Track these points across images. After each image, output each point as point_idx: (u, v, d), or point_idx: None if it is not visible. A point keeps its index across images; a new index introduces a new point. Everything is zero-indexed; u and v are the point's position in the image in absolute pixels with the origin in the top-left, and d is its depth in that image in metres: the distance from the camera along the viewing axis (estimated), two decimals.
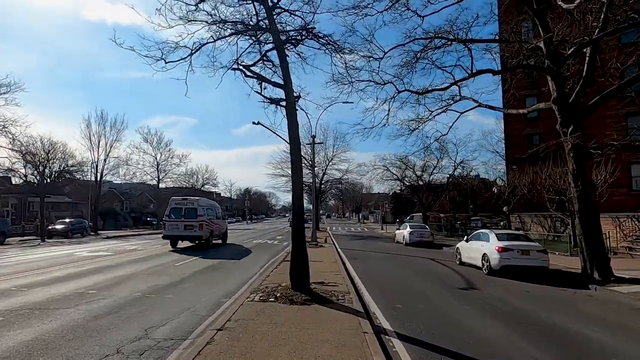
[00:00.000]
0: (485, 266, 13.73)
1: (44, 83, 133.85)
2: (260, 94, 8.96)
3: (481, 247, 14.27)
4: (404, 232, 27.15)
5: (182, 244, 21.52)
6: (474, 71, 12.87)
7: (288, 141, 9.27)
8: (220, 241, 24.29)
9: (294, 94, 9.43)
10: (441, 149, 33.45)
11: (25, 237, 35.32)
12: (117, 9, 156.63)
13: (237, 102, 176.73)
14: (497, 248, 13.28)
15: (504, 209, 27.18)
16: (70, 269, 13.19)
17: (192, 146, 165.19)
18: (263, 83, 9.39)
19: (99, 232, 46.36)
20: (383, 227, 50.45)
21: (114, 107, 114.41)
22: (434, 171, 38.12)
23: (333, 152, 47.93)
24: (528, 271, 12.98)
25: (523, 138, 32.04)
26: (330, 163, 47.96)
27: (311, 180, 32.53)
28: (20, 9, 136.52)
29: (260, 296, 8.32)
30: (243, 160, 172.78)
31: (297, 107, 9.29)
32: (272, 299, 8.02)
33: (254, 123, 20.93)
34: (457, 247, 16.70)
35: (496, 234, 14.22)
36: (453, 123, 16.57)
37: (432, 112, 17.73)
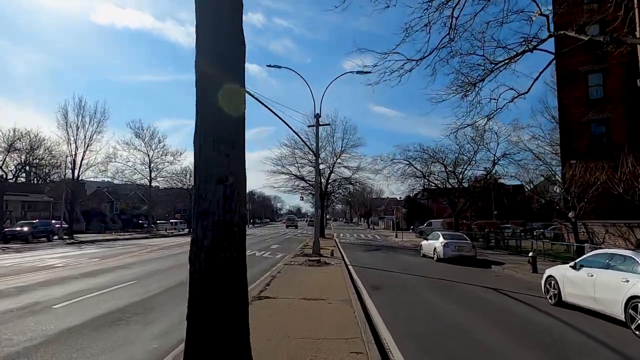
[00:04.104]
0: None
1: (51, 86, 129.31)
2: None
3: (623, 283, 7.60)
4: (435, 243, 20.43)
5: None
6: None
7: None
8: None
9: None
10: (477, 139, 26.60)
11: None
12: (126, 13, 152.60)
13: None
14: None
15: (570, 214, 20.31)
16: None
17: None
18: None
19: (75, 235, 40.34)
20: (397, 234, 43.62)
21: (122, 110, 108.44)
22: (467, 167, 31.12)
23: (342, 146, 41.21)
24: None
25: (584, 125, 25.14)
26: (338, 160, 41.23)
27: (315, 178, 25.91)
28: (39, 12, 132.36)
29: None
30: (250, 164, 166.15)
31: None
32: None
33: None
34: (551, 276, 10.01)
35: None
36: (543, 70, 10.10)
37: (498, 63, 11.47)
